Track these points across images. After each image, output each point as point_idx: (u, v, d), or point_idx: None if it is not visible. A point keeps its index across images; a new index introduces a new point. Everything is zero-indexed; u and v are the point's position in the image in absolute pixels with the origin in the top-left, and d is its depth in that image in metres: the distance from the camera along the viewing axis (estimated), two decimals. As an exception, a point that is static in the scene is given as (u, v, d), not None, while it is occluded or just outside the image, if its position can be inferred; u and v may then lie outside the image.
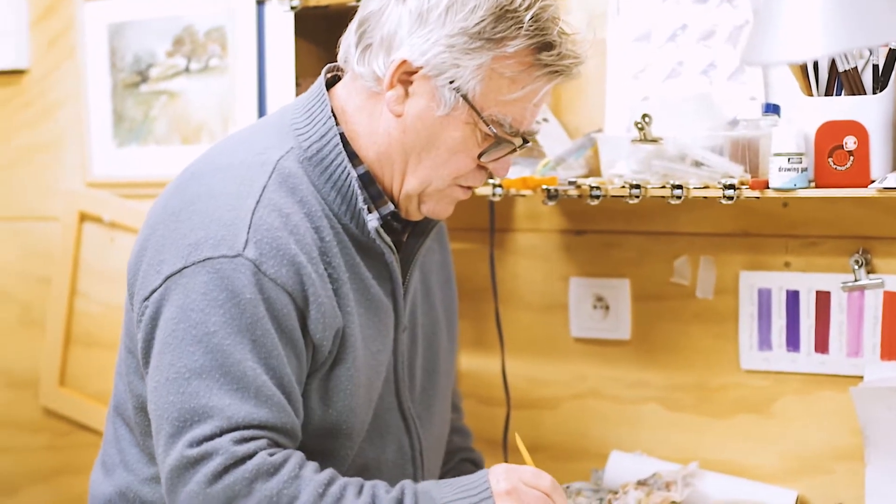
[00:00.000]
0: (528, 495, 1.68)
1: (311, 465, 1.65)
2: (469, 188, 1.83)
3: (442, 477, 2.09)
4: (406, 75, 1.72)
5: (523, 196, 2.23)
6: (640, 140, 2.05)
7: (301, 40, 2.35)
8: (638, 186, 2.04)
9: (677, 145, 2.03)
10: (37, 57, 2.97)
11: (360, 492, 1.65)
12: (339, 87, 1.83)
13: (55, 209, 2.94)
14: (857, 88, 1.93)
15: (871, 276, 2.07)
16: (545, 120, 2.28)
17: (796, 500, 2.13)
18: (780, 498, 2.12)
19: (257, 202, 1.69)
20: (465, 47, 1.69)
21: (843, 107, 1.93)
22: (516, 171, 2.20)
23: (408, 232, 1.89)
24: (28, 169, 2.99)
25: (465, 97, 1.71)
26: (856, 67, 1.93)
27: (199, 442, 1.60)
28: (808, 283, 2.12)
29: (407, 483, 1.69)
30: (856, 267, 2.07)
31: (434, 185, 1.78)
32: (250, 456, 1.61)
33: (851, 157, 1.92)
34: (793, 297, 2.14)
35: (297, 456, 1.65)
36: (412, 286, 1.91)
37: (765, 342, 2.16)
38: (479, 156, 1.76)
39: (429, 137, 1.74)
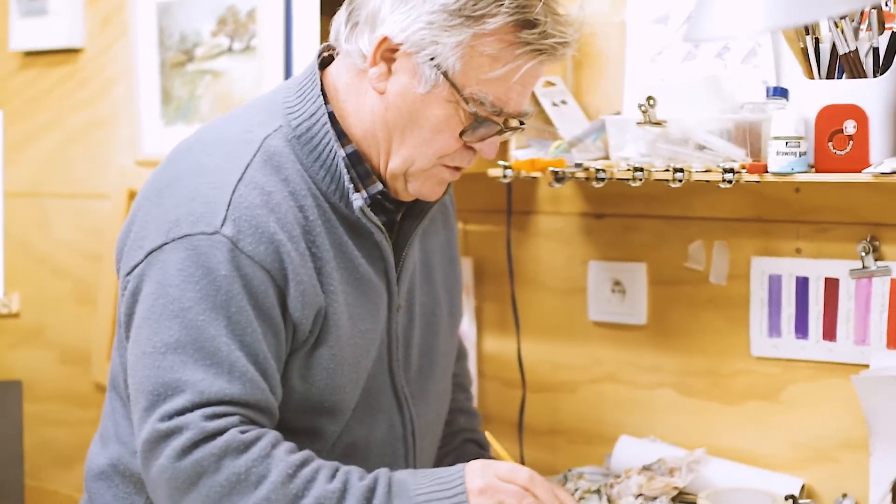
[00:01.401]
0: (504, 491, 1.75)
1: (286, 446, 1.74)
2: (456, 168, 1.90)
3: (442, 457, 2.17)
4: (389, 52, 1.81)
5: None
6: (645, 123, 2.12)
7: (327, 19, 2.45)
8: (641, 169, 2.11)
9: (681, 128, 2.10)
10: (91, 36, 3.13)
11: (332, 476, 1.73)
12: (332, 66, 1.92)
13: (108, 187, 3.09)
14: (857, 72, 1.98)
15: (879, 263, 2.12)
16: (563, 102, 2.36)
17: (802, 489, 2.19)
18: (785, 486, 2.18)
19: (239, 179, 1.79)
20: (444, 24, 1.77)
21: (843, 90, 1.99)
22: (529, 152, 2.29)
23: (402, 211, 1.97)
24: (84, 147, 3.16)
25: (445, 74, 1.78)
26: (856, 50, 1.98)
27: (171, 416, 1.71)
28: (817, 270, 2.18)
29: (382, 471, 1.77)
30: (863, 254, 2.12)
31: (418, 165, 1.86)
32: (220, 432, 1.70)
33: (851, 142, 1.97)
34: (802, 284, 2.19)
35: (272, 435, 1.74)
36: (409, 266, 2.00)
37: (774, 329, 2.22)
38: (461, 134, 1.83)
39: (411, 115, 1.83)
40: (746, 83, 2.18)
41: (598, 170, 2.17)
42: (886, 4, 1.99)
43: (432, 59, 1.78)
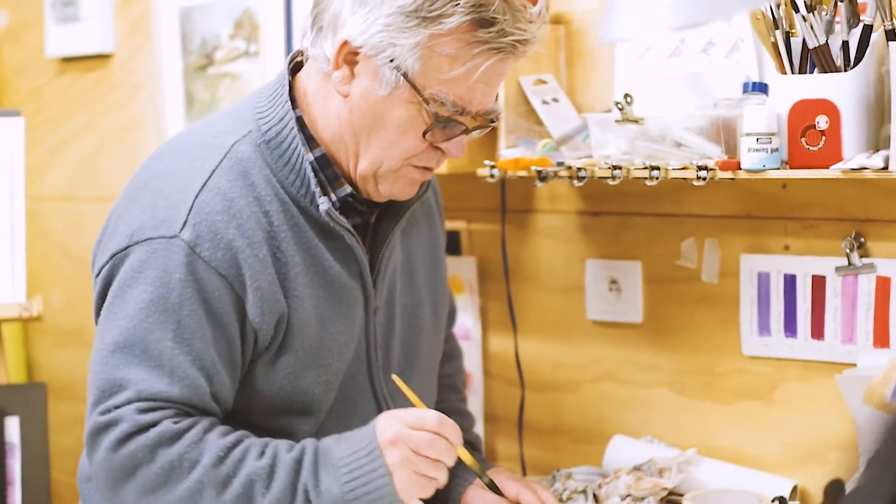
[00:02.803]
0: (414, 439, 1.80)
1: (220, 429, 1.82)
2: (426, 168, 1.93)
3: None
4: (351, 55, 1.85)
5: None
6: (623, 120, 2.13)
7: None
8: (619, 168, 2.12)
9: (658, 125, 2.10)
10: (121, 41, 3.22)
11: (262, 453, 1.80)
12: (302, 70, 1.97)
13: (139, 189, 3.16)
14: (828, 66, 1.97)
15: (865, 259, 2.10)
16: (555, 100, 2.38)
17: (794, 490, 2.18)
18: (777, 487, 2.18)
19: (203, 185, 1.85)
20: (401, 26, 1.80)
21: (814, 85, 1.98)
22: (518, 152, 2.31)
23: (375, 213, 2.01)
24: (114, 150, 3.25)
25: (405, 76, 1.82)
26: (826, 44, 1.96)
27: (109, 410, 1.79)
28: (804, 267, 2.17)
29: (308, 441, 1.84)
30: (848, 250, 2.10)
31: (386, 166, 1.89)
32: (154, 424, 1.78)
33: (823, 137, 1.96)
34: (790, 282, 2.19)
35: (206, 421, 1.81)
36: (388, 267, 2.03)
37: (764, 328, 2.21)
38: (424, 135, 1.86)
39: (374, 118, 1.86)
40: (730, 79, 2.17)
41: (578, 168, 2.18)
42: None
43: (392, 60, 1.81)
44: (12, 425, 2.67)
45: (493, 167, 2.28)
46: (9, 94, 3.52)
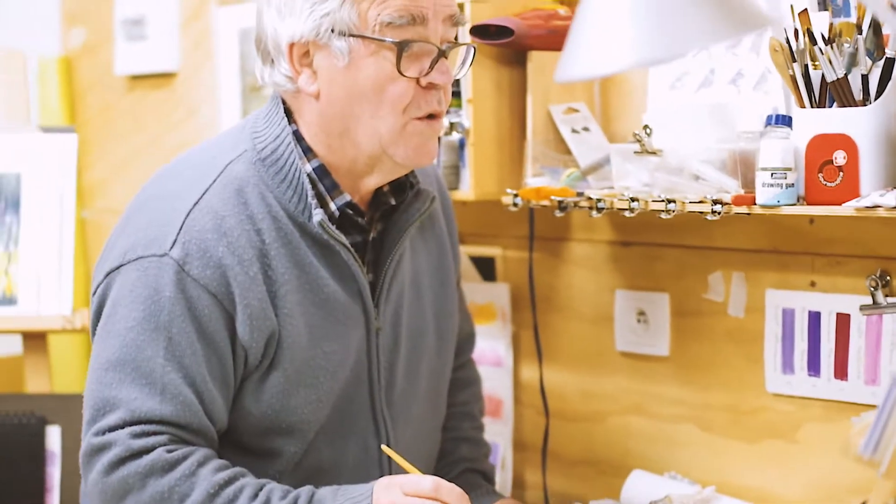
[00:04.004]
0: None
1: (214, 464, 1.81)
2: (430, 117, 1.90)
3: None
4: (303, 55, 1.87)
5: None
6: (642, 152, 2.08)
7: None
8: (636, 200, 2.07)
9: (677, 157, 2.05)
10: (184, 60, 3.25)
11: (255, 495, 1.79)
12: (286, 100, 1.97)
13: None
14: (846, 100, 1.90)
15: (890, 299, 2.02)
16: (585, 129, 2.34)
17: (813, 534, 2.11)
18: (796, 530, 2.11)
19: (195, 204, 1.86)
20: None
21: (832, 119, 1.92)
22: (543, 181, 2.27)
23: (373, 232, 1.99)
24: (176, 167, 3.26)
25: (349, 34, 1.83)
26: (845, 77, 1.90)
27: (103, 432, 1.80)
28: (829, 305, 2.10)
29: (304, 490, 1.82)
30: (872, 289, 2.02)
31: (386, 130, 1.87)
32: (147, 451, 1.78)
33: (841, 173, 1.89)
34: (815, 319, 2.12)
35: (200, 453, 1.81)
36: (393, 286, 2.01)
37: (788, 365, 2.15)
38: (399, 72, 1.84)
39: (349, 94, 1.86)
40: (757, 111, 2.11)
41: (598, 199, 2.14)
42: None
43: (332, 30, 1.83)
44: (53, 434, 2.70)
45: (515, 195, 2.25)
46: (81, 109, 3.58)
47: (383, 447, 1.92)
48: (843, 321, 2.09)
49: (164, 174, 1.97)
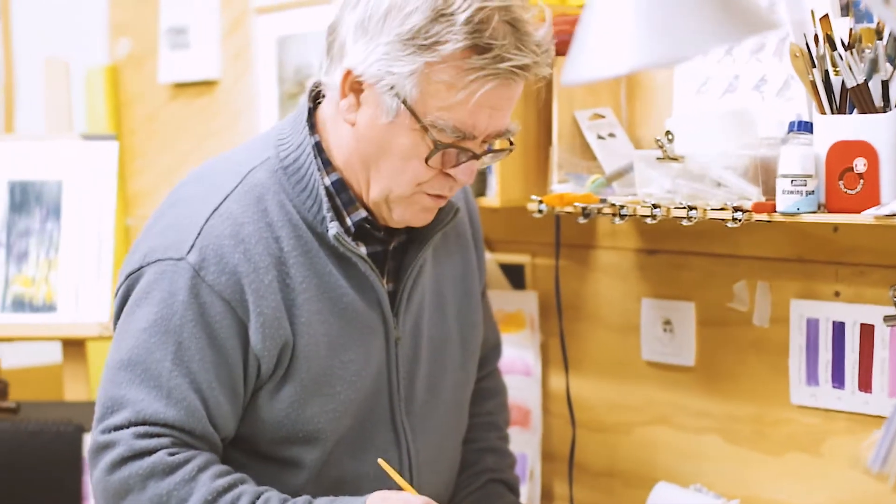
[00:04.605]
0: None
1: (215, 470, 1.80)
2: (439, 196, 1.89)
3: (464, 497, 2.15)
4: (356, 84, 1.83)
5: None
6: (663, 158, 2.05)
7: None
8: (658, 206, 2.04)
9: (699, 164, 2.02)
10: (226, 68, 3.26)
11: (251, 502, 1.79)
12: (324, 99, 1.95)
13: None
14: (866, 106, 1.86)
15: (914, 310, 1.97)
16: (611, 135, 2.31)
17: (837, 548, 2.06)
18: (820, 544, 2.06)
19: (214, 210, 1.86)
20: (398, 54, 1.77)
21: (852, 126, 1.88)
22: (568, 187, 2.25)
23: (394, 242, 1.97)
24: (217, 175, 3.28)
25: (405, 103, 1.79)
26: (865, 83, 1.85)
27: (109, 430, 1.81)
28: (853, 315, 2.05)
29: (302, 499, 1.82)
30: (896, 299, 1.98)
31: (396, 193, 1.86)
32: (149, 452, 1.79)
33: (861, 181, 1.85)
34: (839, 330, 2.07)
35: (201, 458, 1.80)
36: (414, 297, 1.99)
37: (812, 377, 2.11)
38: (426, 161, 1.82)
39: (380, 145, 1.84)
40: (781, 117, 2.07)
41: (620, 206, 2.11)
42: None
43: (391, 88, 1.79)
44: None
45: (540, 202, 2.23)
46: (127, 118, 3.61)
47: (379, 461, 1.89)
48: (866, 332, 2.04)
49: (191, 178, 1.97)
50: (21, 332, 2.78)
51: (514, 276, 2.59)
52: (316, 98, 1.97)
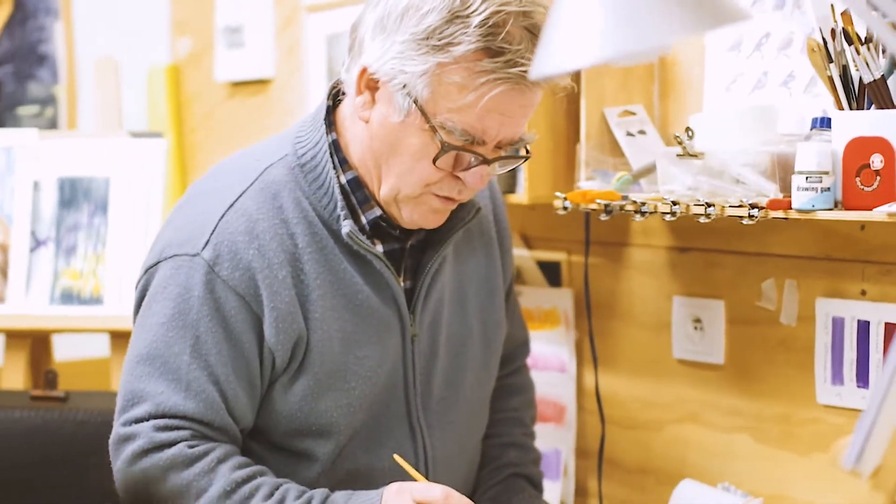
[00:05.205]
0: None
1: (235, 461, 1.84)
2: (447, 198, 1.90)
3: (485, 490, 2.16)
4: (372, 81, 1.85)
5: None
6: (684, 155, 2.05)
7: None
8: (677, 203, 2.05)
9: (718, 161, 2.02)
10: (279, 66, 3.31)
11: (270, 494, 1.82)
12: (345, 96, 1.98)
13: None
14: (884, 102, 1.85)
15: (937, 309, 1.95)
16: (641, 132, 2.31)
17: (861, 550, 2.05)
18: (844, 545, 2.05)
19: (229, 206, 1.89)
20: (412, 53, 1.79)
21: (869, 122, 1.86)
22: (595, 184, 2.25)
23: (411, 240, 1.99)
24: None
25: (416, 102, 1.80)
26: (882, 78, 1.84)
27: (130, 422, 1.85)
28: (878, 314, 2.04)
29: (319, 491, 1.85)
30: (919, 298, 1.96)
31: (405, 192, 1.88)
32: (169, 444, 1.83)
33: (878, 177, 1.84)
34: (864, 329, 2.06)
35: (221, 450, 1.84)
36: (432, 295, 2.01)
37: (837, 376, 2.09)
38: (434, 162, 1.83)
39: (391, 144, 1.86)
40: (799, 113, 2.06)
41: (641, 203, 2.12)
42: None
43: (404, 87, 1.81)
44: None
45: (564, 199, 2.23)
46: (187, 117, 3.68)
47: (395, 456, 1.91)
48: (891, 331, 2.02)
49: (210, 174, 2.01)
50: (69, 323, 2.84)
51: (551, 273, 2.60)
52: (337, 96, 1.99)
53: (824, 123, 1.96)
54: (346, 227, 1.89)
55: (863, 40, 1.86)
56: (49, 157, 2.85)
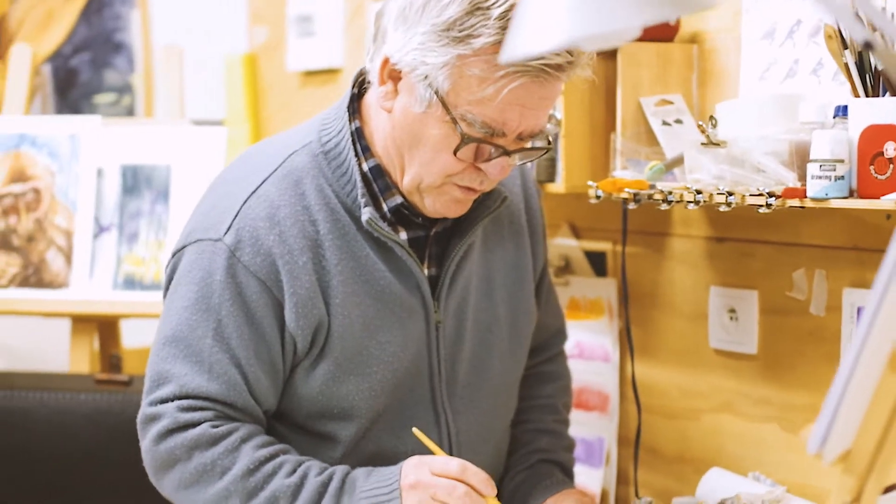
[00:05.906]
0: (435, 485, 1.87)
1: (257, 441, 1.93)
2: (469, 189, 1.96)
3: (514, 475, 2.22)
4: (394, 72, 1.91)
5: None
6: (707, 143, 2.09)
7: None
8: (700, 192, 2.08)
9: (740, 149, 2.05)
10: (348, 56, 3.39)
11: (293, 471, 1.91)
12: (370, 84, 2.04)
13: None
14: (897, 89, 1.86)
15: (958, 300, 1.96)
16: (678, 121, 2.35)
17: (884, 543, 2.06)
18: (867, 537, 2.06)
19: (252, 192, 1.98)
20: (433, 44, 1.84)
21: (883, 109, 1.88)
22: (628, 174, 2.30)
23: (435, 227, 2.05)
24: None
25: (437, 93, 1.86)
26: (897, 66, 1.85)
27: (156, 403, 1.95)
28: (902, 305, 2.04)
29: (340, 468, 1.93)
30: (940, 289, 1.97)
31: (426, 182, 1.94)
32: (194, 424, 1.92)
33: (892, 165, 1.86)
34: (888, 319, 2.06)
35: (244, 430, 1.93)
36: (457, 282, 2.07)
37: (863, 366, 2.10)
38: (455, 153, 1.89)
39: (413, 134, 1.92)
40: (822, 101, 2.08)
41: (668, 192, 2.16)
42: None
43: (425, 78, 1.86)
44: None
45: (596, 188, 2.28)
46: (263, 106, 3.78)
47: (414, 430, 1.97)
48: (915, 322, 2.03)
49: (237, 161, 2.09)
50: (131, 309, 2.96)
51: (597, 262, 2.65)
52: (363, 84, 2.06)
53: (845, 112, 1.98)
54: (366, 213, 1.95)
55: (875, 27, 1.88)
56: (112, 144, 2.98)
